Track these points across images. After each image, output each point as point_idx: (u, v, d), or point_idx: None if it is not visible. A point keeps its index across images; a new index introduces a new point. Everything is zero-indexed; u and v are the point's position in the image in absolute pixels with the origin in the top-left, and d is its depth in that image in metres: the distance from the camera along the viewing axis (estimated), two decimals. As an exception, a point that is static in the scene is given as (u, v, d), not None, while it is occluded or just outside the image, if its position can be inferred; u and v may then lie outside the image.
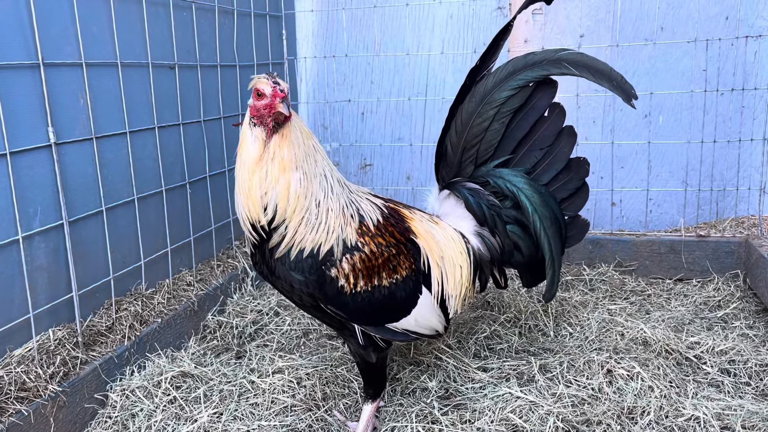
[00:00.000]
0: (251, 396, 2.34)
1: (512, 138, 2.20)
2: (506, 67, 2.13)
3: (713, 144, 3.41)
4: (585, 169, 2.23)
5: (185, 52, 2.98)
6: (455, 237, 2.21)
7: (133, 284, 2.72)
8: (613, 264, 3.38)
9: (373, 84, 3.88)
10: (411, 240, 2.06)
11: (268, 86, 1.79)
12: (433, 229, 2.17)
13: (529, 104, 2.16)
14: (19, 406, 1.97)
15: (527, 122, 2.18)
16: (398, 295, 1.99)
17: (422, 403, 2.24)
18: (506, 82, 2.12)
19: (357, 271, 1.90)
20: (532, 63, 2.10)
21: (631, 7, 3.40)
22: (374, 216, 2.00)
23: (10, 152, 2.08)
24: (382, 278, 1.95)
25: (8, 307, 2.14)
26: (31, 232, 2.18)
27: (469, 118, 2.17)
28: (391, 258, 1.97)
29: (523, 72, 2.11)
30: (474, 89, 2.16)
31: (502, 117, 2.16)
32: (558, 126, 2.19)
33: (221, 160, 3.29)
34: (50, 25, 2.23)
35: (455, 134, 2.21)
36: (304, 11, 3.90)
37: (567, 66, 2.06)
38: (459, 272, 2.17)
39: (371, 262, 1.93)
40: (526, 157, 2.22)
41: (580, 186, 2.25)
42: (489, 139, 2.19)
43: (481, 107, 2.15)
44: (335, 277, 1.88)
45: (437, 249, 2.12)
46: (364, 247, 1.92)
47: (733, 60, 3.35)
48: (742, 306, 2.93)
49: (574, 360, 2.43)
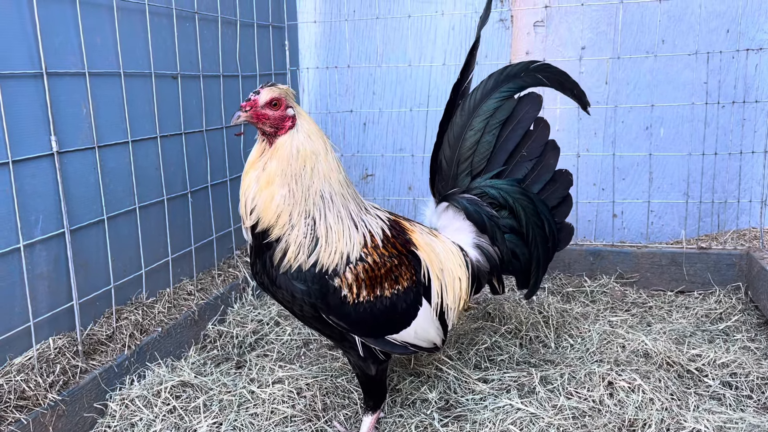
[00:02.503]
0: (251, 406, 2.33)
1: (504, 150, 2.29)
2: (488, 81, 2.24)
3: (714, 156, 3.41)
4: (569, 180, 2.37)
5: (188, 62, 3.00)
6: (454, 250, 2.24)
7: (133, 293, 2.72)
8: (614, 276, 3.38)
9: (375, 95, 3.89)
10: (412, 252, 2.06)
11: (252, 94, 1.81)
12: (433, 242, 2.19)
13: (516, 116, 2.26)
14: (19, 414, 1.97)
15: (517, 134, 2.28)
16: (399, 305, 1.99)
17: (422, 414, 2.24)
18: (492, 93, 2.23)
19: (360, 281, 1.90)
20: (511, 75, 2.23)
21: (632, 20, 3.42)
22: (379, 231, 2.00)
23: (13, 160, 2.09)
24: (384, 288, 1.95)
25: (8, 315, 2.14)
26: (32, 240, 2.19)
27: (461, 131, 2.25)
28: (393, 268, 1.97)
29: (504, 84, 2.23)
30: (463, 104, 2.24)
31: (492, 129, 2.25)
32: (544, 138, 2.31)
33: (223, 169, 3.30)
34: (54, 35, 2.25)
35: (448, 148, 2.27)
36: (307, 22, 3.92)
37: (539, 78, 2.22)
38: (458, 285, 2.19)
39: (374, 272, 1.92)
40: (517, 169, 2.32)
41: (565, 195, 2.38)
42: (482, 151, 2.27)
43: (472, 120, 2.24)
44: (338, 287, 1.87)
45: (437, 261, 2.13)
46: (368, 257, 1.92)
47: (734, 73, 3.36)
48: (744, 319, 2.92)
49: (575, 372, 2.43)
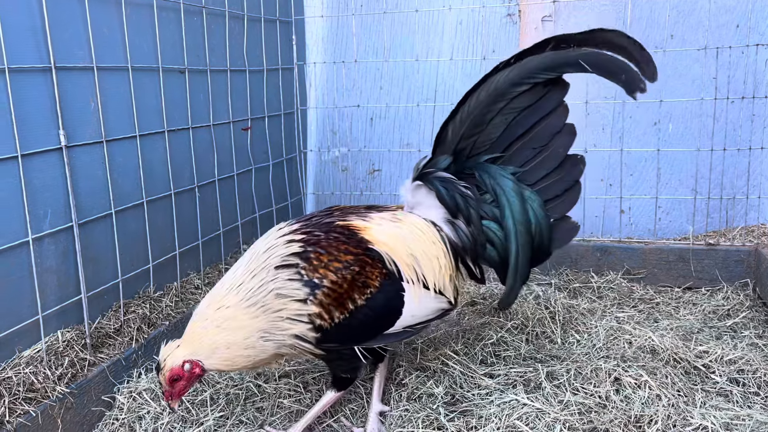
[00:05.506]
0: (257, 400, 2.34)
1: (510, 134, 2.12)
2: (524, 63, 2.04)
3: (723, 152, 3.39)
4: (579, 169, 2.12)
5: (195, 56, 3.00)
6: (425, 228, 2.12)
7: (141, 287, 2.74)
8: (621, 271, 3.37)
9: (382, 90, 3.89)
10: (370, 249, 1.98)
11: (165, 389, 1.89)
12: (397, 229, 2.08)
13: (536, 104, 2.08)
14: (27, 406, 1.99)
15: (529, 121, 2.10)
16: (380, 304, 1.94)
17: (428, 408, 2.24)
18: (523, 77, 2.04)
19: (327, 306, 1.85)
20: (550, 61, 2.02)
21: (641, 15, 3.40)
22: (319, 249, 1.92)
23: (22, 155, 2.10)
24: (356, 300, 1.89)
25: (18, 308, 2.15)
26: (41, 234, 2.20)
27: (477, 107, 2.08)
28: (356, 276, 1.90)
29: (540, 70, 2.02)
30: (489, 80, 2.07)
31: (509, 113, 2.08)
32: (558, 126, 2.10)
33: (230, 164, 3.31)
34: (63, 29, 2.26)
35: (459, 121, 2.12)
36: (314, 17, 3.91)
37: (583, 65, 1.99)
38: (437, 263, 2.08)
39: (338, 291, 1.87)
40: (517, 155, 2.14)
41: (570, 186, 2.13)
42: (489, 132, 2.11)
43: (492, 99, 2.06)
44: (310, 322, 1.85)
45: (403, 248, 2.04)
46: (323, 280, 1.87)
47: (743, 68, 3.34)
48: (752, 315, 2.91)
49: (582, 367, 2.42)
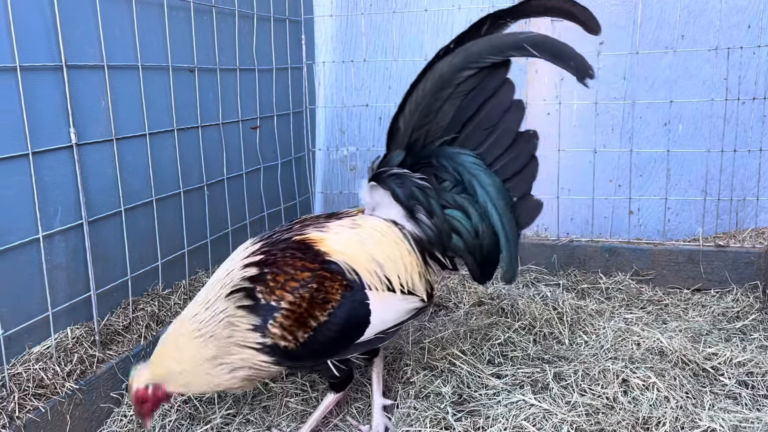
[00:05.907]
0: (264, 398, 2.35)
1: (460, 118, 2.05)
2: (467, 48, 1.98)
3: (733, 153, 3.37)
4: (533, 144, 2.05)
5: (205, 55, 3.01)
6: (385, 230, 2.06)
7: (150, 284, 2.75)
8: (630, 273, 3.35)
9: (390, 89, 3.88)
10: (327, 261, 1.93)
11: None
12: (356, 236, 2.02)
13: (482, 84, 2.02)
14: (37, 402, 2.00)
15: (476, 102, 2.03)
16: (345, 317, 1.89)
17: (436, 407, 2.24)
18: (467, 63, 1.98)
19: (289, 328, 1.83)
20: (495, 45, 1.97)
21: (651, 14, 3.38)
22: (273, 269, 1.89)
23: (33, 152, 2.11)
24: (317, 317, 1.85)
25: (28, 304, 2.17)
26: (51, 231, 2.22)
27: (424, 97, 2.01)
28: (314, 294, 1.86)
29: (486, 54, 1.97)
30: (433, 68, 2.00)
31: (456, 98, 2.02)
32: (506, 102, 2.03)
33: (239, 162, 3.32)
34: (74, 28, 2.27)
35: (408, 113, 2.03)
36: (323, 16, 3.92)
37: (528, 48, 1.94)
38: (401, 263, 2.03)
39: (297, 311, 1.84)
40: (470, 138, 2.07)
41: (528, 161, 2.06)
42: (439, 120, 2.05)
43: (438, 87, 2.00)
44: (273, 344, 1.83)
45: (363, 254, 1.98)
46: (281, 302, 1.83)
47: (755, 69, 3.31)
48: (761, 317, 2.89)
49: (589, 369, 2.41)
